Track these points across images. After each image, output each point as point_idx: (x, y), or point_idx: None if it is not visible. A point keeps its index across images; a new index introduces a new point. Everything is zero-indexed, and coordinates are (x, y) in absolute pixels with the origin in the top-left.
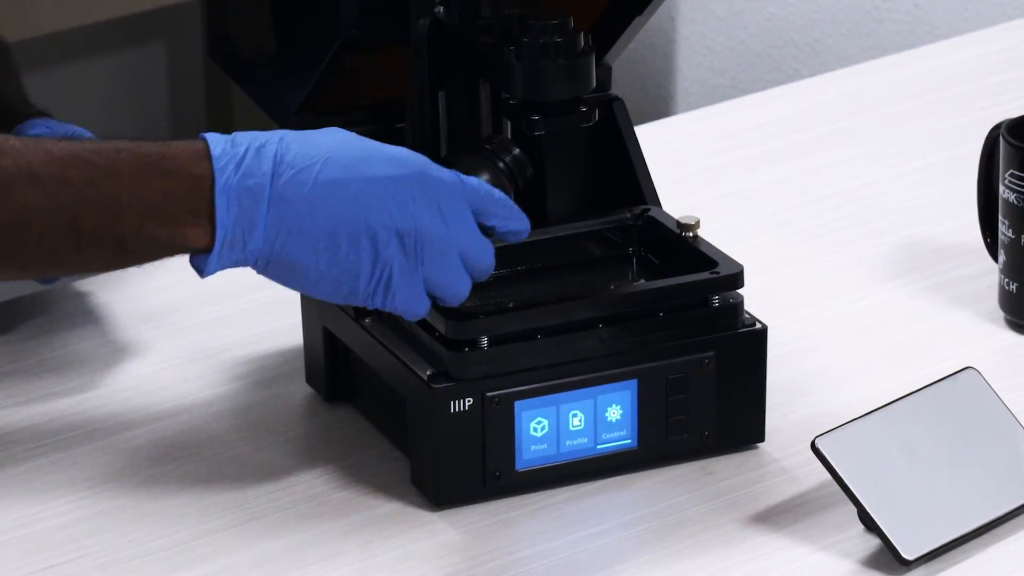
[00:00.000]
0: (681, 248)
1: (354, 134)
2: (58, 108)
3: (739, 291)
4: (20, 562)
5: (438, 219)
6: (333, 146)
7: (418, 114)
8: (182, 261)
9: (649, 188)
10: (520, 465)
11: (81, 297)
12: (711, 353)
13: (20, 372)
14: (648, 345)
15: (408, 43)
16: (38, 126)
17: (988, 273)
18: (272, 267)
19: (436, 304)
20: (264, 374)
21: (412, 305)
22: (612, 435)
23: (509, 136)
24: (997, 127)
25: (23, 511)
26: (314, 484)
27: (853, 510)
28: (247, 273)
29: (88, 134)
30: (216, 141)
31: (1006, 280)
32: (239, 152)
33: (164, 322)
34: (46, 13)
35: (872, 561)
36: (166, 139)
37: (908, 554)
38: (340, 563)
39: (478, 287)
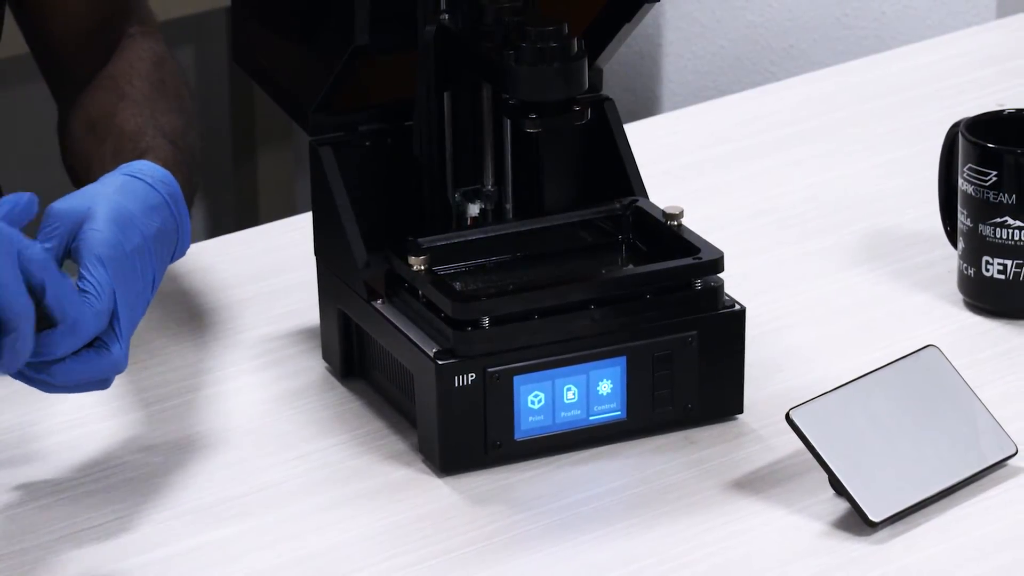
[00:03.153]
0: (666, 236)
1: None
2: None
3: (720, 275)
4: (59, 524)
5: None
6: None
7: (425, 113)
8: (209, 250)
9: (637, 181)
10: (519, 435)
11: None
12: (694, 332)
13: None
14: (636, 325)
15: (416, 48)
16: None
17: (948, 259)
18: None
19: (442, 287)
20: (283, 352)
21: None
22: (603, 407)
23: (508, 135)
24: (956, 125)
25: (61, 477)
26: (329, 453)
27: (824, 476)
28: (267, 260)
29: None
30: None
31: (964, 265)
32: None
33: (191, 304)
34: None
35: (841, 523)
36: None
37: (875, 516)
38: (353, 525)
39: (480, 272)
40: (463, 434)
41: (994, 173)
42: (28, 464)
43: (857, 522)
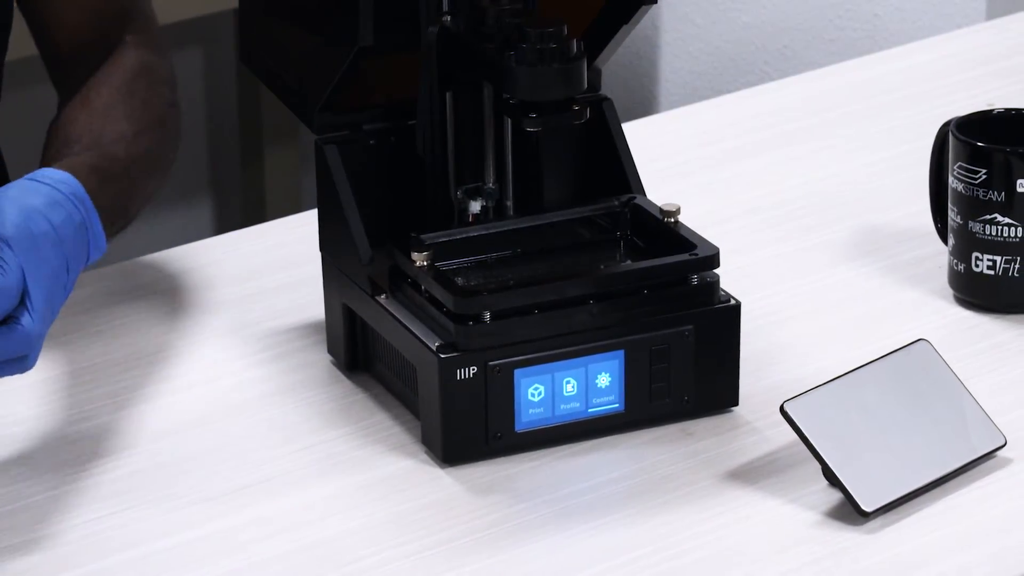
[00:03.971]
0: (663, 232)
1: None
2: None
3: (715, 271)
4: (69, 513)
5: None
6: None
7: (428, 112)
8: (217, 246)
9: (635, 178)
10: (519, 427)
11: (133, 276)
12: (690, 326)
13: (80, 339)
14: (634, 319)
15: (419, 49)
16: None
17: (939, 255)
18: None
19: (444, 282)
20: (290, 345)
21: None
22: (601, 400)
23: (509, 133)
24: (947, 124)
25: (71, 468)
26: (335, 444)
27: (818, 467)
28: (275, 255)
29: None
30: None
31: (955, 261)
32: None
33: (202, 298)
34: None
35: (835, 513)
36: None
37: (867, 506)
38: (358, 514)
39: (482, 268)
40: (465, 426)
41: (984, 171)
42: (39, 455)
43: (850, 512)
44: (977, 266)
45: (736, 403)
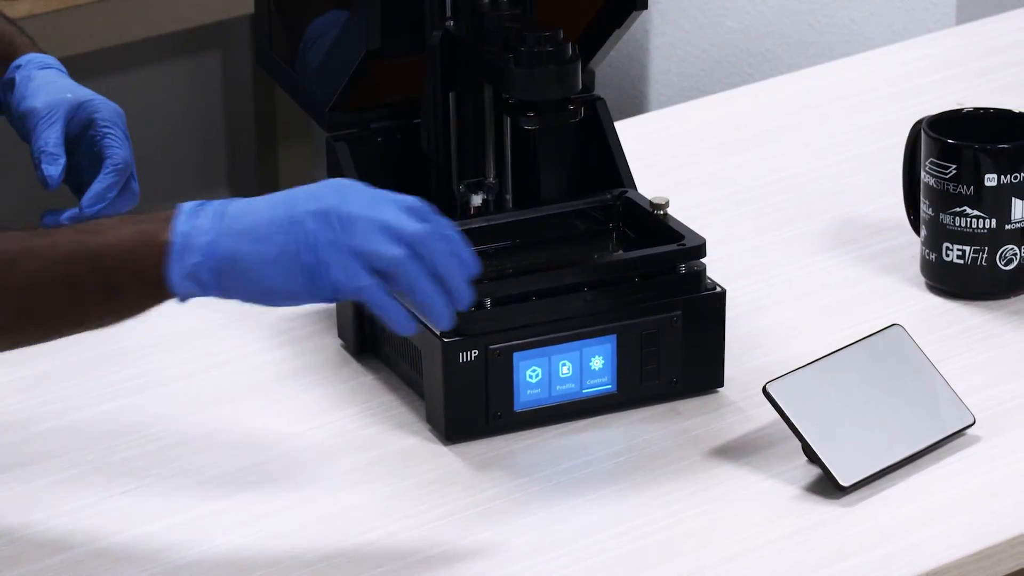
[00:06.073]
0: (653, 224)
1: None
2: (126, 111)
3: (702, 260)
4: (95, 488)
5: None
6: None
7: (432, 111)
8: None
9: (626, 173)
10: (518, 407)
11: None
12: (678, 312)
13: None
14: (625, 306)
15: (423, 52)
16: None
17: (911, 245)
18: (224, 268)
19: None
20: (302, 330)
21: (351, 278)
22: (595, 381)
23: (508, 131)
24: (919, 122)
25: (97, 446)
26: (345, 423)
27: (798, 444)
28: None
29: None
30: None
31: (926, 251)
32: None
33: None
34: (114, 26)
35: (814, 487)
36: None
37: (845, 481)
38: (366, 489)
39: (483, 257)
40: (467, 406)
41: (954, 167)
42: (67, 434)
43: (828, 486)
44: (948, 256)
45: (721, 384)
